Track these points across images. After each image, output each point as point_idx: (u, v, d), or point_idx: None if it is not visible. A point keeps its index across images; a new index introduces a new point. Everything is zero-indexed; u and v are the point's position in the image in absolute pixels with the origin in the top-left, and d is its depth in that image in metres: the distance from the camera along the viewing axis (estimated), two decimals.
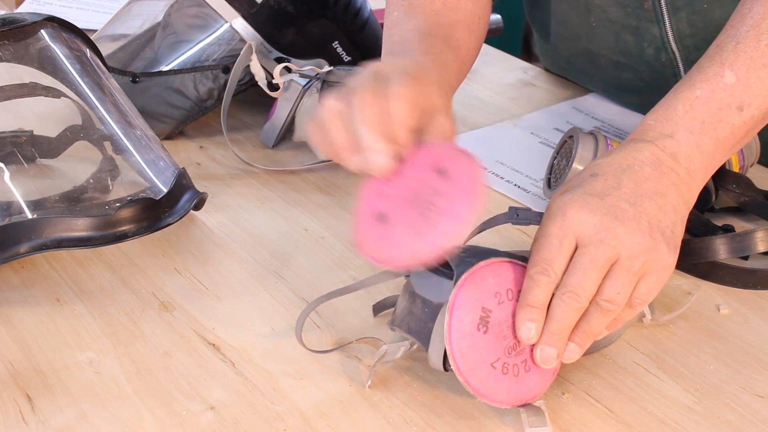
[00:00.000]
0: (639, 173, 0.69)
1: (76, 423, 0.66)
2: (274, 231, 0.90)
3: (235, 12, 1.04)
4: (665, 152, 0.71)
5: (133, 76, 1.04)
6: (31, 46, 0.87)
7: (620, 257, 0.65)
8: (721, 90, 0.72)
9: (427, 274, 0.68)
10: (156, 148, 0.89)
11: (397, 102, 0.66)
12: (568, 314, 0.65)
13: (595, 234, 0.65)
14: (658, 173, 0.70)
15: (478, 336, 0.64)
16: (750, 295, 0.81)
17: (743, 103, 0.72)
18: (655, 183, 0.69)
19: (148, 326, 0.76)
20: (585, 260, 0.65)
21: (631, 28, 1.03)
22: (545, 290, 0.65)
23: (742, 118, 0.72)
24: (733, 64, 0.72)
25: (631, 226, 0.66)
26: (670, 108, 0.73)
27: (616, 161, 0.70)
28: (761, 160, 1.01)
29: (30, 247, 0.77)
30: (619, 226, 0.65)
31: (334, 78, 1.00)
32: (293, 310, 0.78)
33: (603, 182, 0.68)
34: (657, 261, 0.66)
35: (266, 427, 0.66)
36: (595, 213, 0.66)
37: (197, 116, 1.06)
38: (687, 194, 0.71)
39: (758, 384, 0.71)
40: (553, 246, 0.66)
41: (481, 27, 0.92)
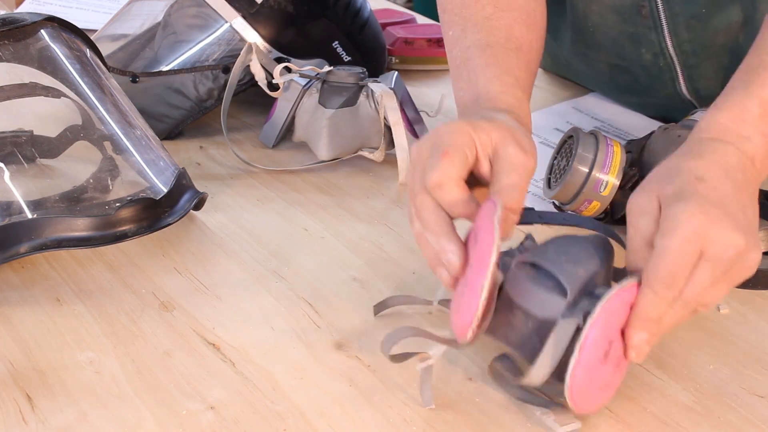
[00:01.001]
0: (736, 181, 0.68)
1: (76, 423, 0.66)
2: (274, 231, 0.90)
3: (235, 12, 1.04)
4: (747, 156, 0.70)
5: (133, 76, 1.04)
6: (31, 46, 0.87)
7: (731, 269, 0.64)
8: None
9: (521, 279, 0.65)
10: (156, 148, 0.89)
11: (438, 191, 0.66)
12: (676, 321, 0.64)
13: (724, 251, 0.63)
14: (745, 180, 0.69)
15: (598, 366, 0.62)
16: (750, 295, 0.81)
17: None
18: (747, 190, 0.68)
19: (148, 326, 0.76)
20: (708, 276, 0.63)
21: (629, 34, 1.03)
22: (668, 306, 0.63)
23: None
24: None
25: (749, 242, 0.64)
26: (745, 109, 0.72)
27: (713, 165, 0.68)
28: None
29: (30, 247, 0.77)
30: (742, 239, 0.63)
31: (334, 78, 1.00)
32: (293, 310, 0.78)
33: (714, 190, 0.66)
34: (750, 267, 0.65)
35: (266, 427, 0.66)
36: (722, 226, 0.63)
37: (197, 116, 1.06)
38: (756, 192, 0.70)
39: (758, 384, 0.71)
40: (682, 260, 0.62)
41: (538, 19, 0.89)
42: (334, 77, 1.00)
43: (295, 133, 1.03)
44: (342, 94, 1.00)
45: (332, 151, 1.00)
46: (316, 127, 1.00)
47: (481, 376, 0.71)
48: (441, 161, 0.67)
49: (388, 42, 1.27)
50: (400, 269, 0.84)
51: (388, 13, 1.40)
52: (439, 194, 0.67)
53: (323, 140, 0.99)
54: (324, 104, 1.00)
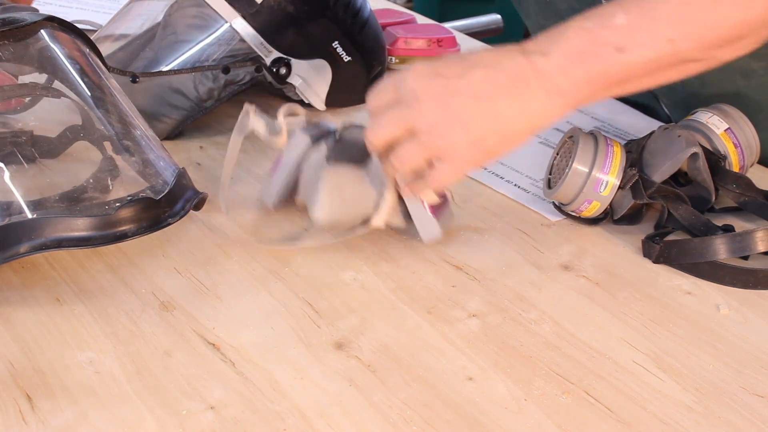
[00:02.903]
0: (490, 74, 0.74)
1: (76, 423, 0.66)
2: (273, 230, 0.90)
3: (235, 12, 1.04)
4: (532, 66, 0.74)
5: (133, 76, 1.04)
6: (30, 46, 0.86)
7: (417, 129, 0.75)
8: (608, 28, 0.74)
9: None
10: (156, 148, 0.89)
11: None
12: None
13: (409, 97, 0.75)
14: (508, 82, 0.74)
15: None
16: (750, 295, 0.81)
17: (624, 46, 0.74)
18: (495, 88, 0.74)
19: (148, 326, 0.76)
20: (388, 114, 0.76)
21: (575, 11, 1.04)
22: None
23: (619, 59, 0.74)
24: (628, 9, 0.74)
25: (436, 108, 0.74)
26: (560, 31, 0.76)
27: (485, 56, 0.76)
28: (761, 160, 1.01)
29: (30, 247, 0.76)
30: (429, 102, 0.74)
31: (349, 136, 0.87)
32: (293, 310, 0.78)
33: (455, 66, 0.76)
34: (450, 148, 0.75)
35: (266, 427, 0.66)
36: (419, 83, 0.74)
37: (197, 116, 1.06)
38: (530, 113, 0.75)
39: (758, 384, 0.71)
40: (380, 90, 0.78)
41: None
42: (347, 134, 0.87)
43: (298, 192, 0.89)
44: (353, 151, 0.86)
45: (328, 214, 0.85)
46: (316, 184, 0.85)
47: (481, 375, 0.71)
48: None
49: (388, 42, 1.27)
50: (400, 269, 0.84)
51: (388, 13, 1.39)
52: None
53: (319, 198, 0.84)
54: (329, 159, 0.86)
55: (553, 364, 0.72)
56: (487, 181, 0.99)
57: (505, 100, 0.74)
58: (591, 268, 0.85)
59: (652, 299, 0.81)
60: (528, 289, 0.81)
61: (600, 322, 0.78)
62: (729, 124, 0.93)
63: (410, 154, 0.77)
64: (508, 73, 0.74)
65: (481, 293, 0.81)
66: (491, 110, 0.74)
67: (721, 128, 0.93)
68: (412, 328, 0.76)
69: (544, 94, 0.74)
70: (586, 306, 0.80)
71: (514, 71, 0.74)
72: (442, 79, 0.75)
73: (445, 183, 0.79)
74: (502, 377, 0.71)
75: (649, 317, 0.78)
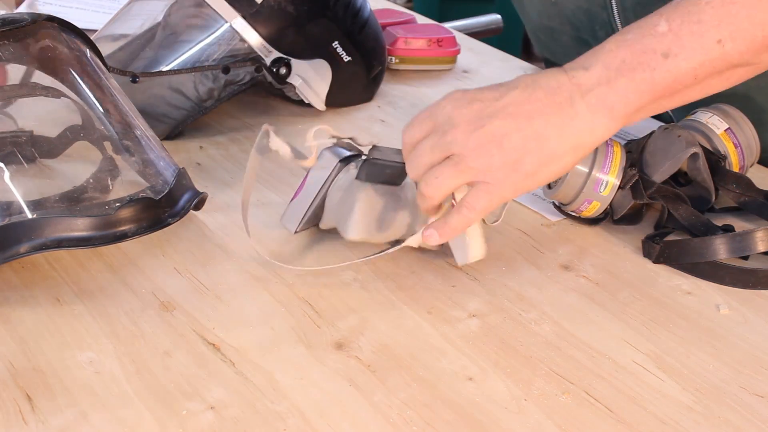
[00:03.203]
0: (528, 93, 0.72)
1: (76, 423, 0.66)
2: (274, 231, 0.90)
3: (235, 12, 1.04)
4: (571, 81, 0.72)
5: (133, 76, 1.04)
6: (31, 46, 0.86)
7: (453, 153, 0.73)
8: (650, 36, 0.72)
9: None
10: (156, 148, 0.89)
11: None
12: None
13: (442, 125, 0.74)
14: (547, 99, 0.71)
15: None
16: (750, 295, 0.81)
17: (670, 51, 0.71)
18: (534, 107, 0.72)
19: (148, 326, 0.76)
20: (425, 142, 0.74)
21: (584, 9, 1.05)
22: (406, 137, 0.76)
23: (666, 65, 0.71)
24: (670, 16, 0.73)
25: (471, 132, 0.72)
26: (600, 46, 0.74)
27: (523, 78, 0.75)
28: (761, 160, 1.01)
29: (30, 247, 0.77)
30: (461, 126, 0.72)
31: (378, 155, 0.83)
32: (293, 310, 0.78)
33: (493, 90, 0.74)
34: (487, 171, 0.72)
35: (266, 427, 0.66)
36: (456, 110, 0.73)
37: (197, 116, 1.06)
38: (571, 130, 0.72)
39: (758, 384, 0.71)
40: (417, 118, 0.76)
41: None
42: (379, 154, 0.84)
43: (323, 216, 0.86)
44: (385, 171, 0.83)
45: (361, 232, 0.83)
46: (349, 202, 0.83)
47: (481, 375, 0.71)
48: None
49: (388, 42, 1.27)
50: (400, 269, 0.84)
51: (388, 13, 1.39)
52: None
53: (354, 217, 0.82)
54: (361, 177, 0.84)
55: (553, 364, 0.72)
56: None
57: (544, 117, 0.71)
58: (591, 268, 0.85)
59: (652, 299, 0.81)
60: (528, 289, 0.81)
61: (600, 322, 0.78)
62: (729, 124, 0.93)
63: (444, 178, 0.73)
64: (547, 90, 0.71)
65: (481, 293, 0.81)
66: (528, 129, 0.70)
67: (721, 128, 0.93)
68: (412, 328, 0.76)
69: (587, 110, 0.70)
70: (586, 306, 0.80)
71: (553, 88, 0.71)
72: (478, 103, 0.73)
73: (480, 208, 0.74)
74: (502, 377, 0.71)
75: (649, 317, 0.78)
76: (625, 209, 0.88)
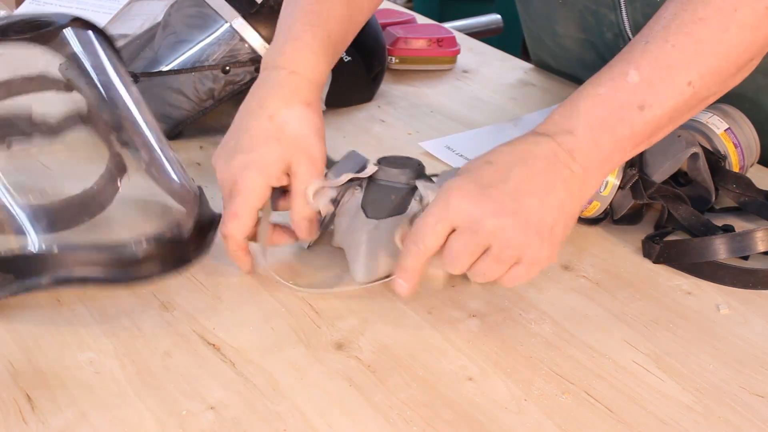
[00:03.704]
0: (531, 167, 0.72)
1: (76, 423, 0.66)
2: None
3: (235, 12, 1.04)
4: (562, 148, 0.72)
5: (133, 76, 1.03)
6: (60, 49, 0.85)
7: (491, 247, 0.70)
8: (623, 89, 0.73)
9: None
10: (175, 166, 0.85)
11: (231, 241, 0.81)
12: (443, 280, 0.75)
13: (469, 225, 0.70)
14: (550, 169, 0.72)
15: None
16: (750, 295, 0.81)
17: (645, 103, 0.72)
18: (545, 179, 0.71)
19: (148, 326, 0.76)
20: (458, 245, 0.71)
21: (592, 11, 1.05)
22: (416, 258, 0.72)
23: (643, 117, 0.72)
24: (639, 64, 0.73)
25: (504, 222, 0.70)
26: (574, 104, 0.74)
27: (512, 152, 0.73)
28: (761, 160, 1.01)
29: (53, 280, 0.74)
30: (495, 219, 0.70)
31: (383, 176, 0.82)
32: (293, 310, 0.78)
33: (493, 172, 0.72)
34: (527, 253, 0.71)
35: (266, 427, 0.66)
36: (475, 204, 0.70)
37: (197, 116, 1.06)
38: (578, 191, 0.73)
39: (758, 384, 0.71)
40: (429, 225, 0.72)
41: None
42: (383, 175, 0.82)
43: (334, 236, 0.85)
44: (390, 198, 0.81)
45: (370, 273, 0.80)
46: (355, 239, 0.81)
47: (481, 376, 0.71)
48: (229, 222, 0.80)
49: (388, 42, 1.27)
50: None
51: (388, 13, 1.40)
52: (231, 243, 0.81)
53: (360, 260, 0.80)
54: (367, 211, 0.81)
55: (553, 364, 0.72)
56: None
57: (558, 186, 0.72)
58: (591, 268, 0.85)
59: (652, 299, 0.81)
60: (528, 289, 0.81)
61: (600, 322, 0.78)
62: (729, 124, 0.93)
63: (492, 274, 0.72)
64: (545, 161, 0.72)
65: (481, 293, 0.81)
66: (552, 201, 0.71)
67: (721, 128, 0.93)
68: (412, 328, 0.76)
69: (583, 171, 0.72)
70: (586, 306, 0.80)
71: (551, 158, 0.72)
72: (490, 190, 0.71)
73: (521, 282, 0.74)
74: (502, 377, 0.71)
75: (649, 317, 0.78)
76: (625, 209, 0.88)
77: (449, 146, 1.06)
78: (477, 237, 0.70)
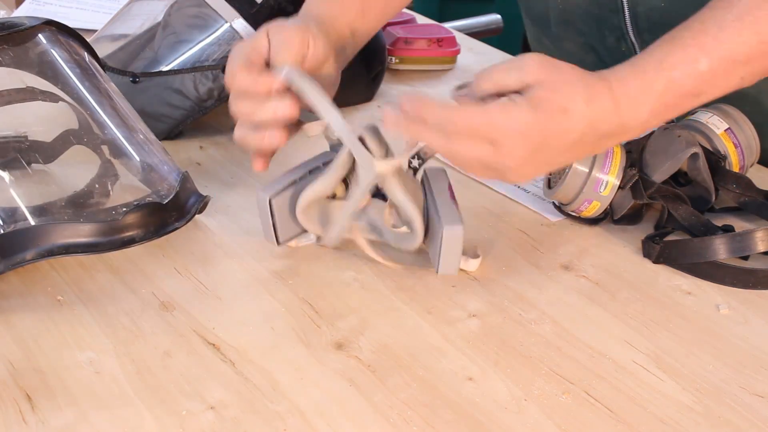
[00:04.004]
0: (584, 138, 0.73)
1: (76, 423, 0.66)
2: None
3: (235, 12, 1.04)
4: (621, 125, 0.74)
5: (133, 76, 1.04)
6: (30, 51, 0.86)
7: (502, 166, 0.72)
8: (693, 76, 0.74)
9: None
10: (158, 152, 0.89)
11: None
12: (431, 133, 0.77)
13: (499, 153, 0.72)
14: (597, 140, 0.74)
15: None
16: (750, 295, 0.81)
17: (702, 92, 0.74)
18: (584, 148, 0.75)
19: (148, 326, 0.76)
20: (476, 155, 0.73)
21: (594, 15, 1.05)
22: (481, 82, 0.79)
23: (692, 103, 0.75)
24: (710, 53, 0.73)
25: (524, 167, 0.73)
26: (650, 79, 0.74)
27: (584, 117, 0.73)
28: (761, 160, 1.01)
29: (36, 254, 0.76)
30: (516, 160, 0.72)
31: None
32: (293, 310, 0.78)
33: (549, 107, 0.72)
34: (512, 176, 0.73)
35: (266, 427, 0.66)
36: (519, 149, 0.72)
37: (197, 116, 1.06)
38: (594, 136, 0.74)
39: (758, 384, 0.71)
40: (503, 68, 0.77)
41: None
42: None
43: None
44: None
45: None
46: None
47: (481, 375, 0.71)
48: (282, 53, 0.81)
49: (388, 42, 1.27)
50: (400, 269, 0.84)
51: None
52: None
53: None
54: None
55: (553, 364, 0.72)
56: (487, 181, 0.99)
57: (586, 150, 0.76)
58: (591, 268, 0.85)
59: (652, 299, 0.81)
60: (528, 289, 0.81)
61: (600, 322, 0.78)
62: (729, 124, 0.93)
63: (476, 172, 0.75)
64: (599, 134, 0.74)
65: (481, 293, 0.81)
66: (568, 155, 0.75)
67: (721, 128, 0.93)
68: (412, 328, 0.76)
69: (620, 128, 0.75)
70: (586, 306, 0.80)
71: (605, 132, 0.74)
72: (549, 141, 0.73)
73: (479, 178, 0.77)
74: (502, 377, 0.71)
75: (649, 317, 0.78)
76: (625, 209, 0.88)
77: None
78: (495, 161, 0.72)
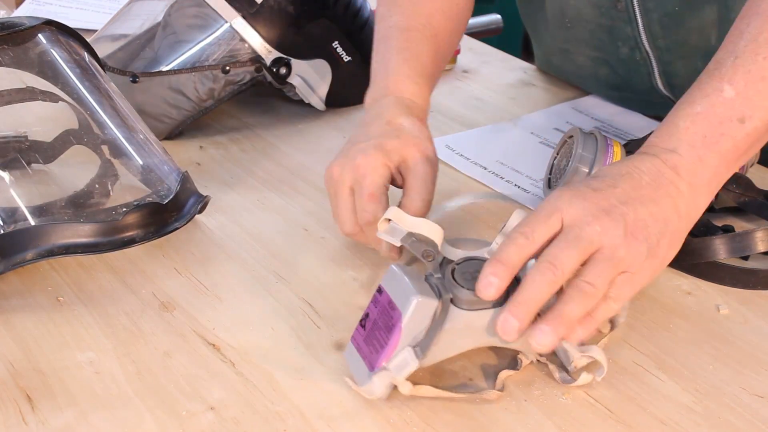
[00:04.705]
0: (637, 180, 0.70)
1: (76, 423, 0.66)
2: (274, 231, 0.90)
3: (235, 12, 1.04)
4: (667, 165, 0.71)
5: (133, 76, 1.04)
6: (30, 51, 0.86)
7: (602, 246, 0.66)
8: (720, 104, 0.72)
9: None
10: (158, 152, 0.89)
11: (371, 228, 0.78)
12: (541, 285, 0.64)
13: (582, 218, 0.67)
14: (655, 183, 0.71)
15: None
16: (750, 295, 0.81)
17: (744, 116, 0.72)
18: (651, 192, 0.70)
19: (148, 326, 0.76)
20: (569, 236, 0.66)
21: (606, 27, 1.05)
22: (519, 250, 0.66)
23: (744, 130, 0.72)
24: (732, 79, 0.72)
25: (617, 220, 0.67)
26: (672, 125, 0.73)
27: (617, 167, 0.72)
28: (761, 160, 1.01)
29: (36, 254, 0.76)
30: (606, 217, 0.67)
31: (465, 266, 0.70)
32: (293, 311, 0.78)
33: (601, 182, 0.70)
34: (635, 260, 0.67)
35: (266, 427, 0.66)
36: (587, 201, 0.68)
37: (197, 116, 1.06)
38: (685, 208, 0.71)
39: (758, 384, 0.71)
40: (540, 217, 0.67)
41: (457, 10, 0.98)
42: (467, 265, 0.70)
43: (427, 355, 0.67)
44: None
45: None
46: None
47: (482, 376, 0.71)
48: (369, 204, 0.77)
49: None
50: None
51: None
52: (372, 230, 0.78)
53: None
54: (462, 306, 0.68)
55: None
56: (487, 181, 0.99)
57: (665, 202, 0.70)
58: None
59: (652, 299, 0.81)
60: None
61: None
62: None
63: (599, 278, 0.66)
64: (650, 176, 0.71)
65: None
66: (659, 214, 0.69)
67: None
68: None
69: (689, 189, 0.71)
70: None
71: (655, 173, 0.71)
72: (601, 192, 0.69)
73: (625, 299, 0.69)
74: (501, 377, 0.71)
75: (649, 317, 0.78)
76: None
77: (449, 146, 1.06)
78: (589, 231, 0.66)
